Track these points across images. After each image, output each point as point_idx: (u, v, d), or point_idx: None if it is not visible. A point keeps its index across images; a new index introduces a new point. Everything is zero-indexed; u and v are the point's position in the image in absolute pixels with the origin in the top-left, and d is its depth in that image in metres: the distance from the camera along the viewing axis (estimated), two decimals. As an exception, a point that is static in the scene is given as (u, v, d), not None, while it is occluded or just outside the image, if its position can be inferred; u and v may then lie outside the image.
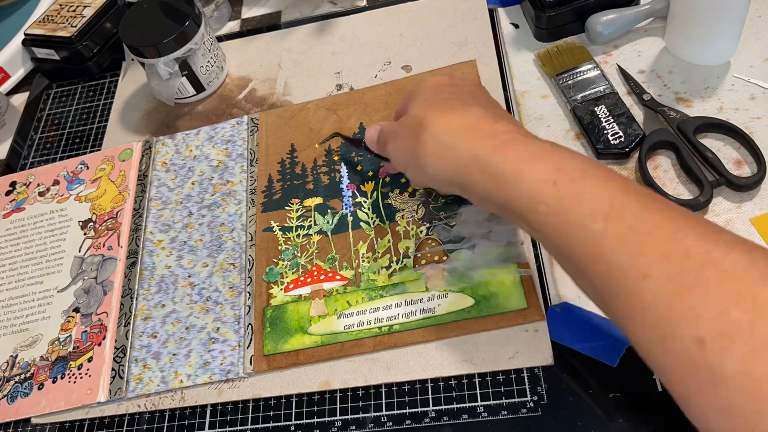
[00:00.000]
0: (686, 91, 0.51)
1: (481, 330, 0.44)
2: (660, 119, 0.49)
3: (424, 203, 0.51)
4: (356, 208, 0.52)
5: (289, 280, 0.50)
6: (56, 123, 0.69)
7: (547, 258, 0.46)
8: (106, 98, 0.69)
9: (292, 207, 0.54)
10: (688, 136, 0.47)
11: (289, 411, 0.45)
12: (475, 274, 0.46)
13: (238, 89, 0.65)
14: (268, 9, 0.72)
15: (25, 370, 0.51)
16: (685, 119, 0.48)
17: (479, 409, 0.42)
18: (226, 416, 0.46)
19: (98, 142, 0.65)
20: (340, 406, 0.44)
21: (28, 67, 0.74)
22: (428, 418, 0.43)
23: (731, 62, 0.51)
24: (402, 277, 0.48)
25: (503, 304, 0.44)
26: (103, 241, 0.56)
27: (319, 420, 0.44)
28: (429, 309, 0.45)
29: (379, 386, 0.44)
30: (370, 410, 0.44)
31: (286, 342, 0.47)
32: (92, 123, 0.68)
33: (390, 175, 0.53)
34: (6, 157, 0.68)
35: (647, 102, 0.50)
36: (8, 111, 0.71)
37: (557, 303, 0.44)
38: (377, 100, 0.58)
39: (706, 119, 0.48)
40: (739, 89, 0.50)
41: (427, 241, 0.49)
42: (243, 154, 0.58)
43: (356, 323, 0.46)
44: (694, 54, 0.52)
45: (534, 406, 0.41)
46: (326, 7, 0.70)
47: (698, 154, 0.46)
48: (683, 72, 0.52)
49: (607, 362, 0.41)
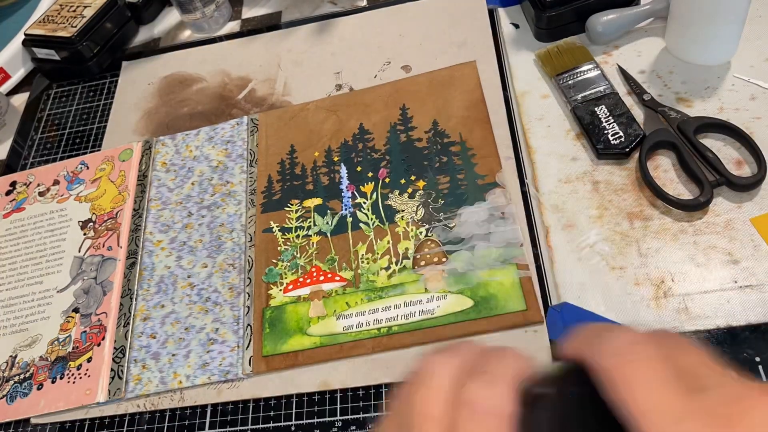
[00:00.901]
0: (687, 91, 0.51)
1: (481, 332, 0.44)
2: (660, 119, 0.49)
3: (424, 204, 0.51)
4: (356, 209, 0.52)
5: (289, 280, 0.50)
6: (56, 123, 0.69)
7: (547, 258, 0.46)
8: (106, 98, 0.69)
9: (292, 208, 0.53)
10: (688, 136, 0.47)
11: (289, 411, 0.45)
12: (474, 276, 0.46)
13: (238, 89, 0.65)
14: (269, 9, 0.72)
15: (25, 370, 0.51)
16: (686, 119, 0.48)
17: None
18: (226, 416, 0.46)
19: (98, 142, 0.65)
20: (341, 406, 0.44)
21: (29, 68, 0.74)
22: None
23: (732, 62, 0.51)
24: (401, 278, 0.47)
25: (502, 306, 0.44)
26: (103, 241, 0.56)
27: (319, 420, 0.44)
28: (428, 310, 0.45)
29: (379, 386, 0.44)
30: (370, 410, 0.44)
31: (285, 343, 0.47)
32: (92, 123, 0.68)
33: (389, 176, 0.53)
34: (6, 158, 0.68)
35: (647, 102, 0.50)
36: (8, 111, 0.71)
37: (557, 303, 0.44)
38: (377, 100, 0.58)
39: (707, 119, 0.47)
40: (740, 89, 0.50)
41: (427, 242, 0.49)
42: (243, 155, 0.58)
43: (355, 324, 0.46)
44: (694, 54, 0.51)
45: None
46: (326, 7, 0.70)
47: (698, 154, 0.46)
48: (683, 72, 0.52)
49: None
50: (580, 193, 0.48)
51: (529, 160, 0.51)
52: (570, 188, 0.49)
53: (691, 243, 0.44)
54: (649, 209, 0.46)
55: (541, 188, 0.49)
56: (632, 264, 0.44)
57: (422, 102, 0.57)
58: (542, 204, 0.48)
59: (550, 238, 0.47)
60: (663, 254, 0.44)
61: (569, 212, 0.48)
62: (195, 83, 0.68)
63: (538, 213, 0.48)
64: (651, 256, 0.44)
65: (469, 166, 0.52)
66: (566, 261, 0.45)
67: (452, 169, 0.52)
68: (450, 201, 0.50)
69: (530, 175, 0.50)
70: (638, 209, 0.46)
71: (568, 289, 0.44)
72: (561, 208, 0.48)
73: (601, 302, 0.43)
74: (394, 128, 0.56)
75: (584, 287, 0.44)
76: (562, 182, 0.49)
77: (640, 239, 0.45)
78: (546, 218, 0.48)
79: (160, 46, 0.73)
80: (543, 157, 0.51)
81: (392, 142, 0.55)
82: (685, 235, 0.45)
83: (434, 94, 0.57)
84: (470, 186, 0.51)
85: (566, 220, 0.47)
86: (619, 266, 0.44)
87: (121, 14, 0.72)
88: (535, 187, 0.50)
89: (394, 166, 0.54)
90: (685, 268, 0.43)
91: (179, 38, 0.73)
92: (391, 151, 0.55)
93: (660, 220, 0.45)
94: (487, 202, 0.49)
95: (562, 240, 0.46)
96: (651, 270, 0.44)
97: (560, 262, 0.45)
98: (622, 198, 0.47)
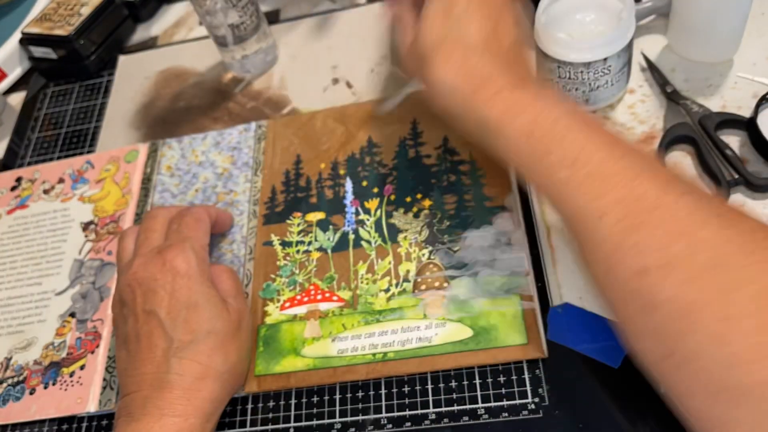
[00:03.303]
0: (689, 89, 0.49)
1: (478, 364, 0.43)
2: (682, 112, 0.48)
3: (428, 225, 0.49)
4: (358, 226, 0.51)
5: (286, 297, 0.48)
6: (53, 122, 0.69)
7: (549, 258, 0.45)
8: (104, 97, 0.69)
9: (294, 221, 0.52)
10: (708, 132, 0.46)
11: (288, 413, 0.45)
12: (475, 304, 0.45)
13: (234, 83, 0.65)
14: (268, 7, 0.71)
15: (19, 373, 0.51)
16: (708, 114, 0.46)
17: (480, 411, 0.42)
18: (225, 417, 0.45)
19: (96, 141, 0.65)
20: (340, 408, 0.44)
21: (26, 66, 0.73)
22: (428, 420, 0.42)
23: (734, 60, 0.50)
24: (400, 302, 0.46)
25: (502, 338, 0.43)
26: (104, 245, 0.55)
27: (319, 422, 0.44)
28: (425, 338, 0.44)
29: (379, 387, 0.44)
30: (369, 412, 0.43)
31: (278, 363, 0.45)
32: (90, 122, 0.67)
33: (395, 193, 0.51)
34: (3, 157, 0.68)
35: (670, 94, 0.49)
36: (5, 110, 0.71)
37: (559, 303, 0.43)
38: (388, 114, 0.56)
39: (729, 115, 0.46)
40: (743, 87, 0.48)
41: (429, 265, 0.47)
42: (248, 163, 0.57)
43: (350, 348, 0.45)
44: (696, 51, 0.50)
45: (535, 408, 0.41)
46: (325, 5, 0.69)
47: (718, 150, 0.45)
48: (686, 69, 0.51)
49: (609, 364, 0.41)
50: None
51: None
52: None
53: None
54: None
55: None
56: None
57: (434, 116, 0.55)
58: (543, 204, 0.48)
59: (551, 238, 0.46)
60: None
61: None
62: (191, 77, 0.67)
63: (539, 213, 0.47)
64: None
65: (477, 186, 0.50)
66: (568, 261, 0.45)
67: (460, 188, 0.50)
68: (456, 223, 0.49)
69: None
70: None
71: (569, 290, 0.43)
72: None
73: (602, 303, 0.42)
74: (404, 143, 0.54)
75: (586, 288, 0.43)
76: None
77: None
78: (547, 218, 0.47)
79: (158, 44, 0.73)
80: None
81: (400, 157, 0.54)
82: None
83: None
84: (477, 207, 0.49)
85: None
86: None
87: (118, 12, 0.72)
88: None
89: (401, 182, 0.52)
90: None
91: (177, 36, 0.73)
92: (398, 167, 0.53)
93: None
94: (493, 227, 0.48)
95: (564, 240, 0.46)
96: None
97: (562, 262, 0.45)
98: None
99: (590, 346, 0.41)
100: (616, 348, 0.40)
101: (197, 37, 0.71)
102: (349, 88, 0.61)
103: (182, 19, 0.74)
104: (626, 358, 0.40)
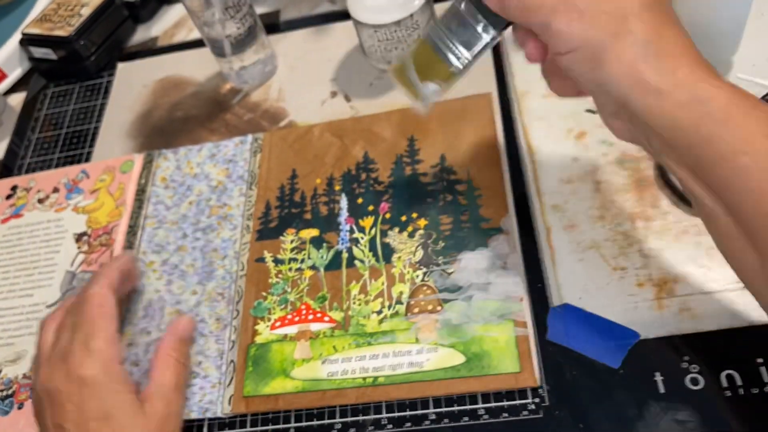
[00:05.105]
0: None
1: (469, 391, 0.42)
2: None
3: (423, 246, 0.48)
4: (352, 245, 0.50)
5: (276, 316, 0.48)
6: (54, 123, 0.68)
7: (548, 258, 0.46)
8: (104, 98, 0.69)
9: (287, 238, 0.52)
10: None
11: (288, 413, 0.44)
12: (468, 329, 0.44)
13: (232, 94, 0.64)
14: (267, 8, 0.71)
15: (8, 386, 0.50)
16: None
17: (480, 412, 0.41)
18: (224, 419, 0.45)
19: (96, 142, 0.65)
20: (340, 408, 0.44)
21: (26, 67, 0.73)
22: (428, 420, 0.42)
23: (734, 60, 0.50)
24: (392, 324, 0.45)
25: (495, 366, 0.42)
26: (96, 257, 0.55)
27: (319, 423, 0.43)
28: (417, 363, 0.43)
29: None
30: (370, 412, 0.43)
31: (267, 385, 0.45)
32: (90, 123, 0.67)
33: (390, 211, 0.51)
34: (3, 158, 0.67)
35: None
36: (5, 111, 0.71)
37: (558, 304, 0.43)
38: (386, 128, 0.56)
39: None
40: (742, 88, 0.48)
41: (422, 287, 0.47)
42: (243, 176, 0.56)
43: (340, 371, 0.44)
44: None
45: (535, 408, 0.41)
46: (325, 6, 0.69)
47: None
48: None
49: (610, 364, 0.41)
50: (581, 193, 0.48)
51: (530, 160, 0.51)
52: (571, 188, 0.49)
53: (693, 243, 0.44)
54: (651, 209, 0.46)
55: (542, 188, 0.49)
56: (634, 264, 0.44)
57: (432, 133, 0.54)
58: (543, 204, 0.48)
59: (551, 239, 0.46)
60: (665, 255, 0.44)
61: (570, 212, 0.48)
62: (190, 87, 0.66)
63: (539, 213, 0.48)
64: (653, 257, 0.44)
65: (473, 207, 0.49)
66: (567, 261, 0.45)
67: (456, 209, 0.49)
68: (451, 244, 0.48)
69: (531, 176, 0.50)
70: (640, 209, 0.46)
71: (569, 290, 0.44)
72: (562, 209, 0.48)
73: (602, 303, 0.43)
74: (400, 160, 0.53)
75: (585, 288, 0.44)
76: (563, 182, 0.49)
77: (642, 240, 0.45)
78: (547, 219, 0.47)
79: (158, 45, 0.72)
80: (544, 157, 0.51)
81: (397, 174, 0.53)
82: (687, 235, 0.44)
83: (445, 125, 0.54)
84: (473, 228, 0.48)
85: (567, 220, 0.47)
86: (620, 267, 0.44)
87: (118, 13, 0.71)
88: (536, 187, 0.49)
89: (396, 200, 0.51)
90: (687, 269, 0.43)
91: (177, 37, 0.72)
92: (394, 184, 0.52)
93: (662, 220, 0.45)
94: (489, 249, 0.47)
95: (564, 240, 0.46)
96: (653, 270, 0.44)
97: (561, 262, 0.45)
98: (624, 198, 0.47)
99: (590, 346, 0.41)
100: (616, 348, 0.40)
101: (197, 38, 0.70)
102: (348, 101, 0.60)
103: (182, 20, 0.74)
104: (626, 358, 0.40)
